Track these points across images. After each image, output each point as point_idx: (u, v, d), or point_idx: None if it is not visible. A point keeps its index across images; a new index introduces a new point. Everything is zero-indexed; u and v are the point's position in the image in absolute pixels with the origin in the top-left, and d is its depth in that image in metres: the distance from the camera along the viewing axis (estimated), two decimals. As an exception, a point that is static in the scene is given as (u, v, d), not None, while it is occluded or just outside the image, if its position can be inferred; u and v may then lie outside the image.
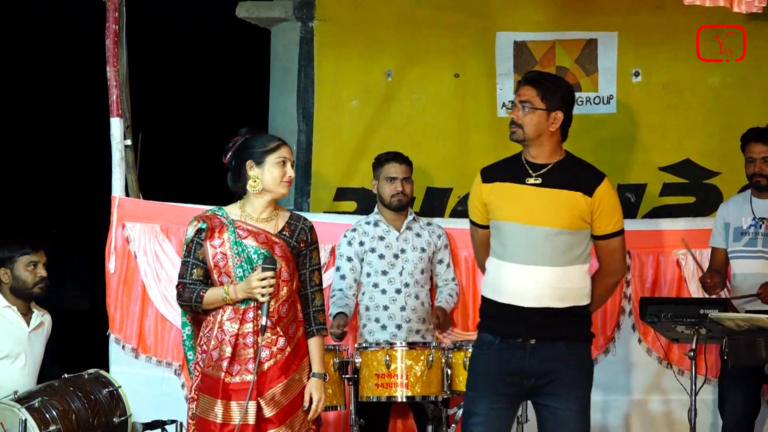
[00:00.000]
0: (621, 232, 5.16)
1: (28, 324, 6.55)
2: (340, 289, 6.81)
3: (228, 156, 5.27)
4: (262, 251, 5.17)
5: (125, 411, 6.44)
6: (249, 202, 5.27)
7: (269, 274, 5.09)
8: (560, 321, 5.05)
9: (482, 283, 5.23)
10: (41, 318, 6.63)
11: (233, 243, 5.19)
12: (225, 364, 5.12)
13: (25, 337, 6.52)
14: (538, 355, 5.04)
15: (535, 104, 5.09)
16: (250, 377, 5.09)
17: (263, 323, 5.09)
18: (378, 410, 6.46)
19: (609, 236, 5.13)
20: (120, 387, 6.44)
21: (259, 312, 5.12)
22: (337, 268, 6.85)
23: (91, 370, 6.53)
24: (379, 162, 6.88)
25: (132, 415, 6.46)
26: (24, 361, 6.51)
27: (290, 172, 5.24)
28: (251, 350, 5.13)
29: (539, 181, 5.07)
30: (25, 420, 5.91)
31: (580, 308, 5.12)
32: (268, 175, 5.19)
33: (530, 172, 5.10)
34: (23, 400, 6.11)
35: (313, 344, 5.29)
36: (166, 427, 6.29)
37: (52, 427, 6.05)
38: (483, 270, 5.31)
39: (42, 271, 6.57)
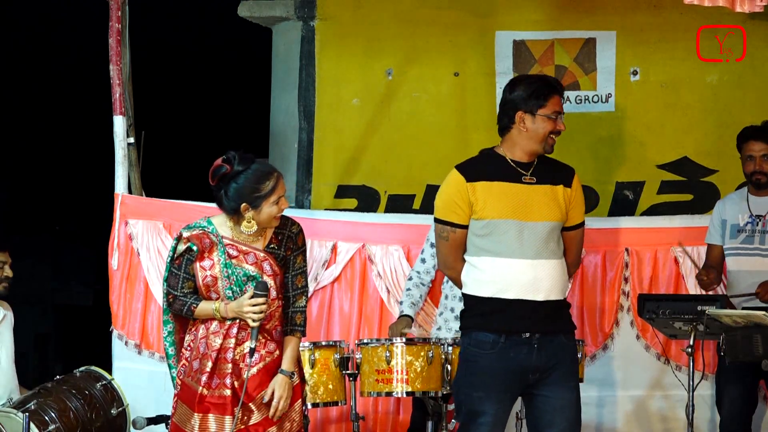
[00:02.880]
0: (584, 223, 5.26)
1: None
2: (418, 272, 6.79)
3: (215, 181, 5.15)
4: (252, 274, 5.17)
5: (122, 402, 6.47)
6: (240, 224, 5.21)
7: (261, 300, 5.10)
8: (559, 314, 5.13)
9: (470, 282, 5.14)
10: (4, 312, 6.67)
11: (223, 265, 5.17)
12: (204, 378, 5.13)
13: None
14: (543, 349, 5.06)
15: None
16: (228, 392, 5.10)
17: (252, 346, 5.10)
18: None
19: (578, 227, 5.21)
20: (113, 379, 6.45)
21: (245, 331, 5.13)
22: (422, 251, 6.83)
23: (82, 368, 6.58)
24: None
25: (129, 405, 6.48)
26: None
27: (284, 205, 5.19)
28: (230, 365, 5.13)
29: (534, 179, 5.11)
30: (29, 423, 5.93)
31: (566, 301, 5.21)
32: (265, 216, 5.15)
33: (521, 170, 5.12)
34: (19, 405, 6.15)
35: (287, 342, 5.25)
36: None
37: (51, 427, 6.08)
38: (453, 271, 5.22)
39: (8, 271, 6.59)
